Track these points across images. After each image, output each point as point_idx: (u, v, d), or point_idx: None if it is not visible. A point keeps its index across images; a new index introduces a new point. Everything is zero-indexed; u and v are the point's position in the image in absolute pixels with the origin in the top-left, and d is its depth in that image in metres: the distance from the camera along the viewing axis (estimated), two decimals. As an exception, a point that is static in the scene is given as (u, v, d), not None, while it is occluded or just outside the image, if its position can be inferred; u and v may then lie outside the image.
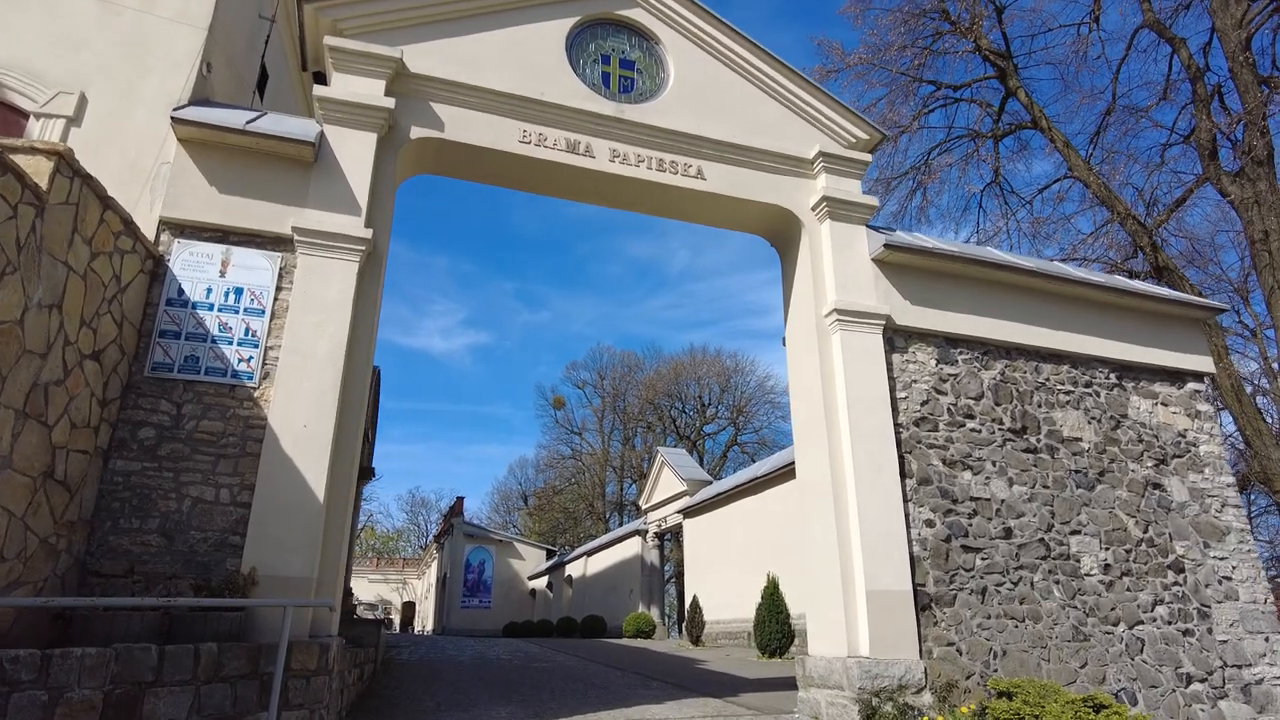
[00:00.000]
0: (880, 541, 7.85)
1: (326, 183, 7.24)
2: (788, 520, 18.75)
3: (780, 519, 19.20)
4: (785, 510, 18.97)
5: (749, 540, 20.63)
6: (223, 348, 6.50)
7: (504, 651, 15.96)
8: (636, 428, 55.19)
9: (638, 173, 8.55)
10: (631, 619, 23.12)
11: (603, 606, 31.89)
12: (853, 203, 9.19)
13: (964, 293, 9.39)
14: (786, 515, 18.87)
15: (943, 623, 7.88)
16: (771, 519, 19.65)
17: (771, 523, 19.62)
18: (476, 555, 46.36)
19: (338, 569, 6.37)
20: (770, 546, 19.39)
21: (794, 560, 17.80)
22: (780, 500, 19.31)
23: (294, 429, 6.37)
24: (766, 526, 19.86)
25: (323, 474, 6.31)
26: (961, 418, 8.92)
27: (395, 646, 16.36)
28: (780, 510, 19.24)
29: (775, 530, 19.33)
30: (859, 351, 8.56)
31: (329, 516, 6.37)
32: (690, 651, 18.03)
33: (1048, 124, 20.45)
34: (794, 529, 18.46)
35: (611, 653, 16.88)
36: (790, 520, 18.55)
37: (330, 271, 6.92)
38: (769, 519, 19.80)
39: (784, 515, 19.01)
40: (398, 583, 74.15)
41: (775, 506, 19.55)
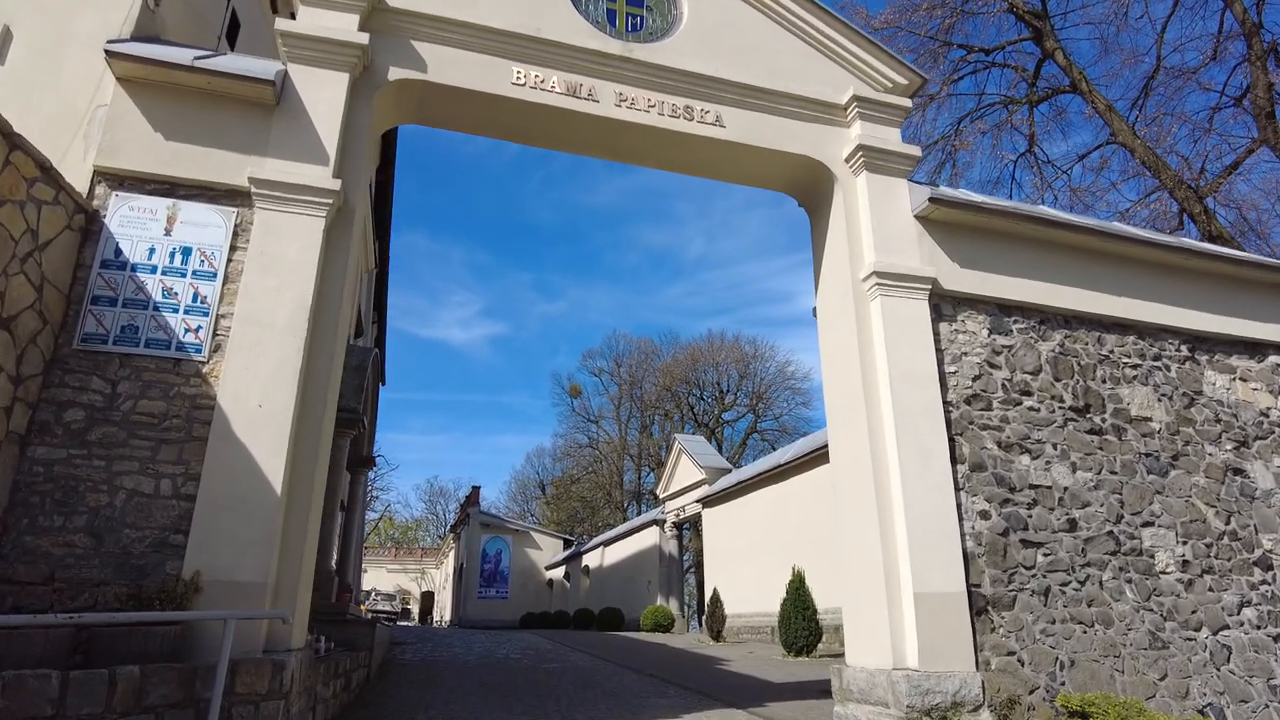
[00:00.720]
0: (929, 536, 6.84)
1: (290, 129, 6.30)
2: (814, 510, 17.76)
3: (806, 509, 18.20)
4: (811, 499, 17.97)
5: (772, 531, 19.65)
6: (167, 316, 5.61)
7: (514, 649, 15.13)
8: (654, 415, 54.26)
9: (648, 119, 7.54)
10: (649, 612, 22.24)
11: (620, 598, 31.07)
12: (892, 152, 8.12)
13: (1017, 254, 8.32)
14: (813, 505, 17.87)
15: (1001, 629, 6.87)
16: (796, 508, 18.65)
17: (796, 513, 18.62)
18: (493, 545, 45.83)
19: (301, 571, 5.47)
20: (795, 538, 18.40)
21: (820, 552, 16.83)
22: (805, 489, 18.30)
23: (247, 408, 5.46)
24: (791, 516, 18.87)
25: (281, 460, 5.40)
26: (1018, 395, 7.87)
27: (400, 644, 15.60)
28: (806, 499, 18.23)
29: (800, 520, 18.33)
30: (902, 320, 7.53)
31: (289, 510, 5.47)
32: (711, 648, 17.12)
33: (1088, 87, 19.15)
34: (820, 519, 17.46)
35: (628, 649, 16.01)
36: (816, 510, 17.56)
37: (292, 228, 6.00)
38: (793, 508, 18.80)
39: (810, 505, 18.01)
40: (416, 572, 74.06)
41: (800, 495, 18.54)
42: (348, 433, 11.70)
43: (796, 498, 18.76)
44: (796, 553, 17.89)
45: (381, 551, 75.65)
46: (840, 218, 8.04)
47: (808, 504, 18.14)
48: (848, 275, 7.77)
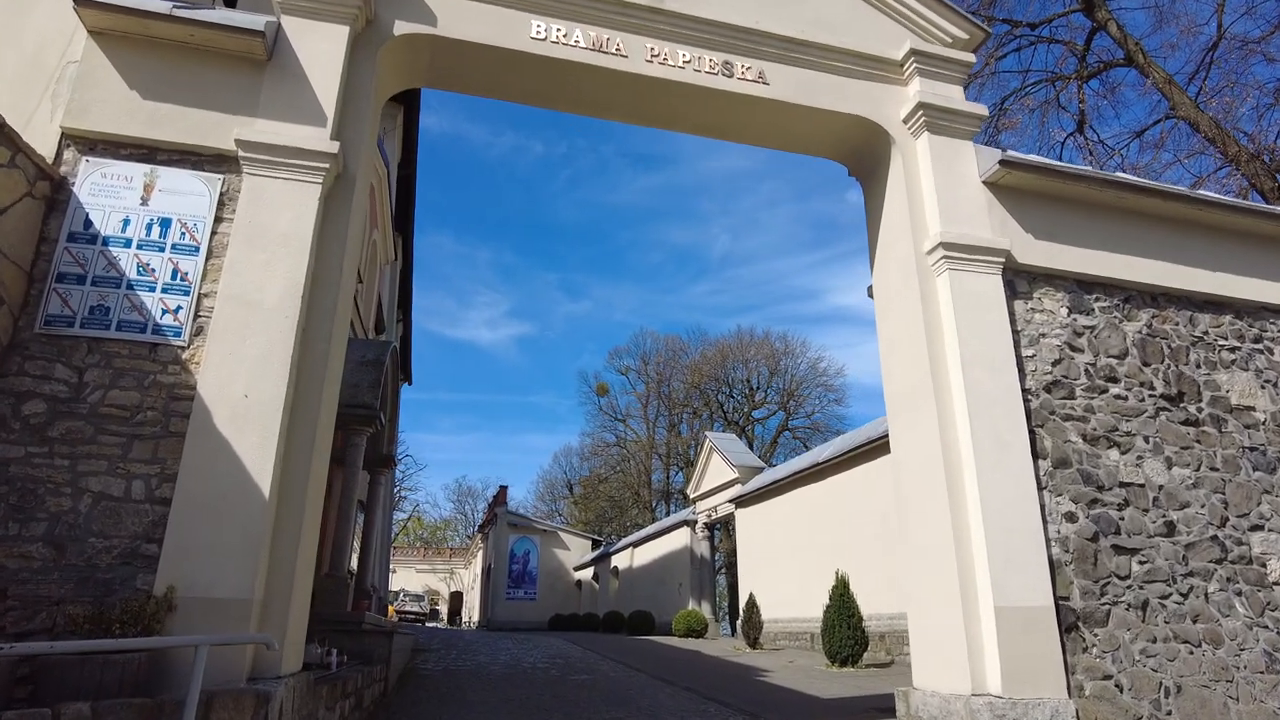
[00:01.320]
0: (1010, 541, 5.97)
1: (283, 87, 5.62)
2: (856, 511, 16.85)
3: (847, 509, 17.29)
4: (853, 499, 17.06)
5: (811, 532, 18.75)
6: (142, 295, 4.94)
7: (541, 657, 14.43)
8: (682, 414, 53.43)
9: (682, 76, 6.76)
10: (682, 616, 21.45)
11: (650, 600, 30.31)
12: (956, 111, 7.26)
13: (1097, 225, 7.41)
14: (854, 505, 16.97)
15: (1095, 648, 5.99)
16: (836, 509, 17.75)
17: (836, 513, 17.71)
18: (521, 545, 45.36)
19: (294, 585, 4.77)
20: (835, 540, 17.50)
21: (864, 556, 15.92)
22: (846, 488, 17.39)
23: (232, 399, 4.77)
24: (831, 517, 17.96)
25: (270, 458, 4.70)
26: (1103, 381, 6.96)
27: (424, 650, 14.97)
28: (847, 499, 17.32)
29: (841, 522, 17.43)
30: (974, 297, 6.66)
31: (280, 516, 4.77)
32: (748, 656, 16.28)
33: (1145, 59, 17.97)
34: (864, 521, 16.56)
35: (661, 658, 15.24)
36: (859, 511, 16.66)
37: (284, 196, 5.31)
38: (833, 509, 17.90)
39: (851, 505, 17.10)
40: (445, 573, 74.06)
41: (840, 495, 17.63)
42: (364, 430, 11.08)
43: (837, 497, 17.86)
44: (838, 556, 16.99)
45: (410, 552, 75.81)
46: (899, 185, 7.18)
47: (849, 504, 17.23)
48: (910, 249, 6.92)
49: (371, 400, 10.97)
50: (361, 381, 11.20)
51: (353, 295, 6.04)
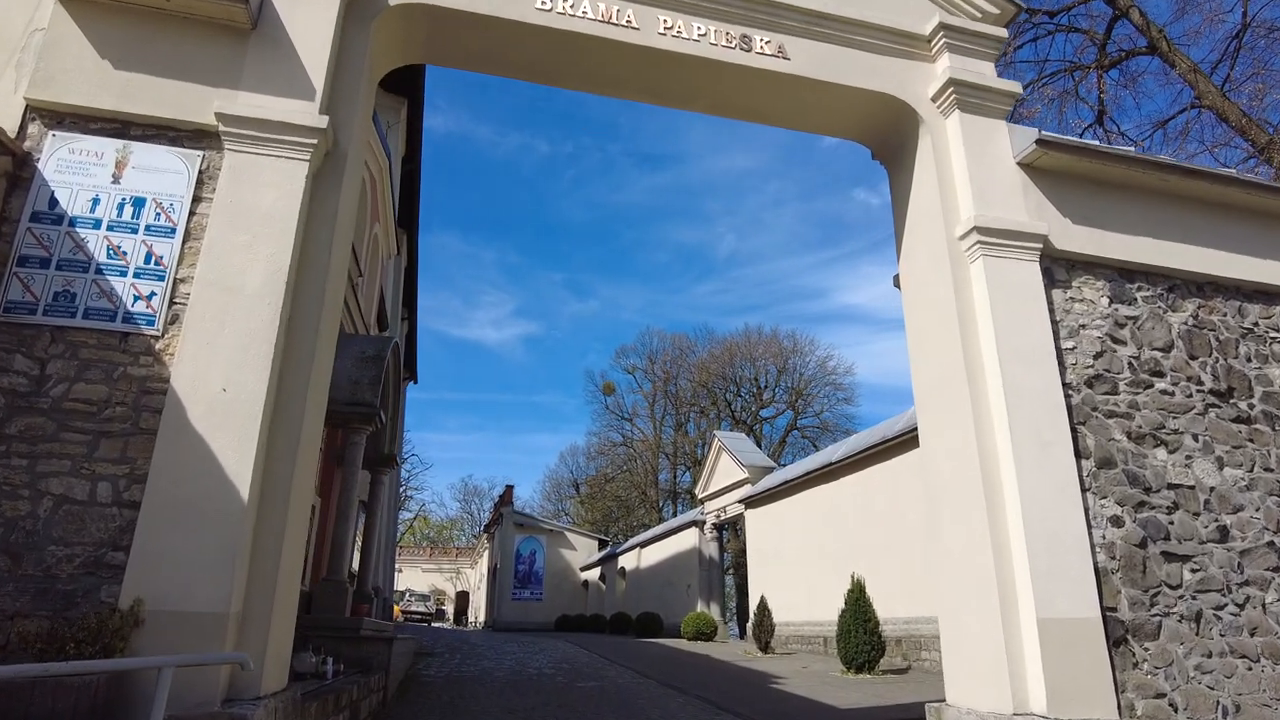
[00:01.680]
0: (1053, 548, 5.52)
1: (269, 58, 5.21)
2: (870, 512, 16.39)
3: (860, 510, 16.83)
4: (867, 500, 16.60)
5: (824, 534, 18.29)
6: (112, 280, 4.53)
7: (547, 661, 14.02)
8: (689, 413, 53.00)
9: (697, 49, 6.32)
10: (691, 619, 21.01)
11: (658, 601, 29.88)
12: (988, 88, 6.81)
13: (1140, 209, 6.94)
14: (868, 506, 16.51)
15: (1146, 664, 5.53)
16: (850, 510, 17.29)
17: (850, 514, 17.26)
18: (527, 545, 45.00)
19: (276, 595, 4.36)
20: (849, 541, 17.05)
21: (879, 558, 15.46)
22: (860, 489, 16.93)
23: (208, 393, 4.37)
24: (844, 519, 17.51)
25: (249, 457, 4.29)
26: (1147, 376, 6.50)
27: (427, 654, 14.58)
28: (860, 500, 16.86)
29: (854, 523, 16.97)
30: (1010, 285, 6.20)
31: (261, 520, 4.36)
32: (760, 661, 15.83)
33: (1169, 46, 17.44)
34: (878, 522, 16.10)
35: (670, 663, 14.82)
36: (873, 512, 16.19)
37: (268, 173, 4.90)
38: (847, 510, 17.44)
39: (865, 506, 16.64)
40: (451, 572, 73.80)
41: (854, 496, 17.17)
42: (364, 429, 10.69)
43: (850, 498, 17.39)
44: (851, 558, 16.54)
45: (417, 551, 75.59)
46: (928, 166, 6.73)
47: (863, 505, 16.77)
48: (940, 234, 6.47)
49: (371, 398, 10.58)
50: (361, 378, 10.81)
51: (344, 282, 5.63)
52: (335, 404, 10.47)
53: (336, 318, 5.39)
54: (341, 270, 5.43)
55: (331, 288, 5.11)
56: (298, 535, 4.72)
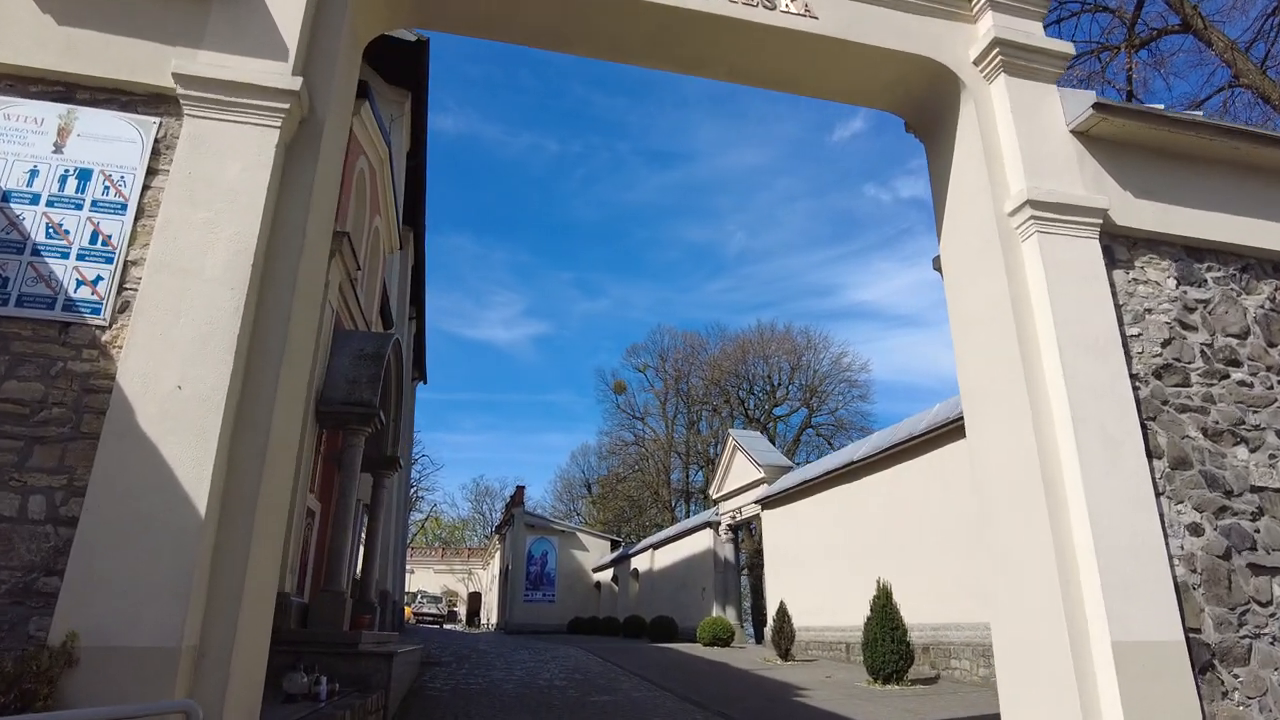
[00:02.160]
0: (1127, 561, 4.87)
1: (235, 13, 4.63)
2: (894, 513, 15.71)
3: (884, 511, 16.14)
4: (890, 501, 15.92)
5: (845, 536, 17.62)
6: (52, 263, 3.96)
7: (559, 672, 13.43)
8: (701, 411, 52.40)
9: (718, 7, 5.68)
10: (707, 624, 20.39)
11: (673, 605, 29.27)
12: (1037, 49, 6.14)
13: (1208, 182, 6.26)
14: (892, 507, 15.83)
15: (1236, 693, 4.87)
16: (872, 511, 16.61)
17: (872, 516, 16.58)
18: (539, 546, 44.56)
19: (240, 626, 3.76)
20: (872, 544, 16.37)
21: (904, 561, 14.78)
22: (883, 489, 16.25)
23: (160, 391, 3.78)
24: (866, 520, 16.83)
25: (207, 463, 3.71)
26: (1222, 365, 5.82)
27: (434, 664, 14.02)
28: (884, 501, 16.18)
29: (878, 525, 16.29)
30: (1068, 264, 5.54)
31: (222, 537, 3.78)
32: (780, 669, 15.18)
33: (1204, 24, 16.67)
34: (903, 524, 15.41)
35: (687, 671, 14.21)
36: (897, 513, 15.51)
37: (233, 142, 4.31)
38: (869, 511, 16.76)
39: (889, 507, 15.96)
40: (463, 573, 73.52)
41: (876, 496, 16.49)
42: (362, 430, 10.14)
43: (872, 499, 16.72)
44: (875, 561, 15.87)
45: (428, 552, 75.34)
46: (972, 136, 6.08)
47: (887, 505, 16.10)
48: (988, 211, 5.81)
49: (370, 397, 10.02)
50: (360, 376, 10.25)
51: (323, 267, 5.05)
52: (332, 404, 9.93)
53: (314, 306, 4.81)
54: (319, 253, 4.84)
55: (307, 272, 4.52)
56: (267, 553, 4.13)
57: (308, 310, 4.61)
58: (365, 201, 12.37)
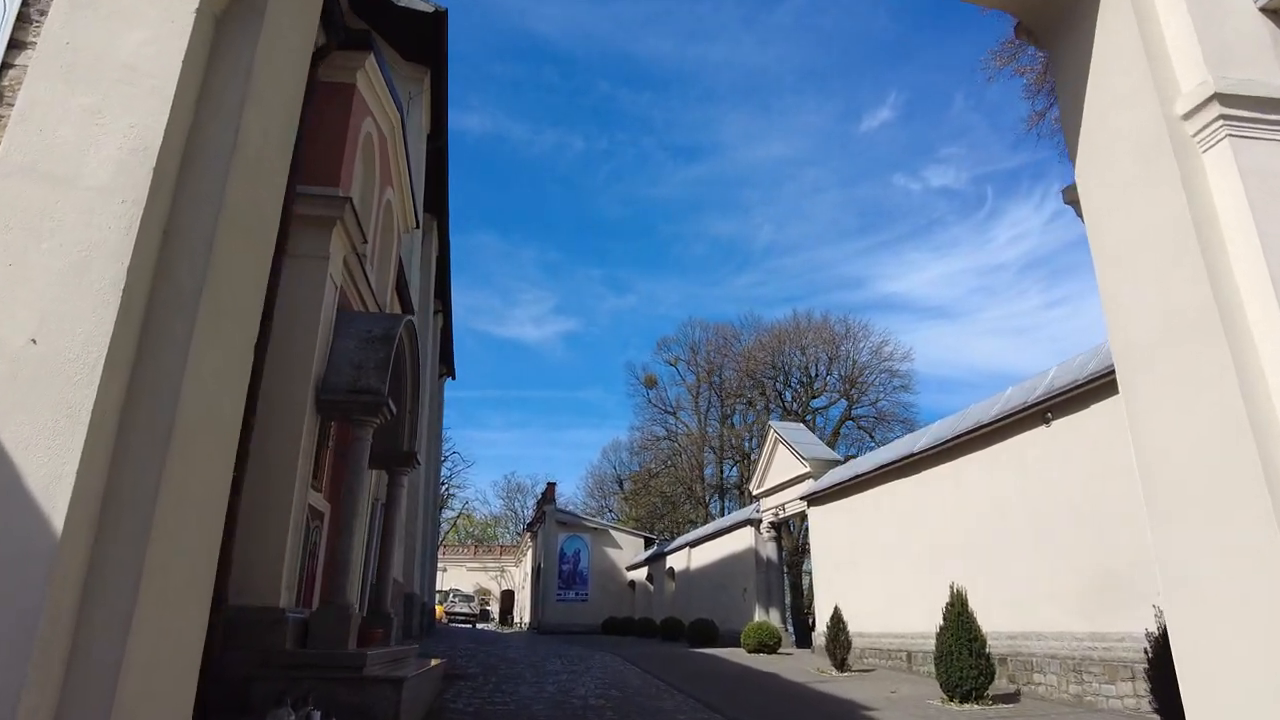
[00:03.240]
0: (1392, 581, 3.46)
1: None
2: (962, 509, 14.23)
3: (950, 507, 14.66)
4: (958, 496, 14.44)
5: (904, 534, 16.16)
6: None
7: (595, 687, 12.20)
8: (735, 404, 50.90)
9: None
10: (752, 629, 19.05)
11: (711, 606, 27.95)
12: (1209, -94, 4.71)
13: None
14: (960, 502, 14.35)
15: None
16: (936, 507, 15.12)
17: (936, 512, 15.09)
18: (571, 544, 43.57)
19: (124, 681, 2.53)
20: (937, 542, 14.90)
21: (975, 562, 13.31)
22: (949, 482, 14.76)
23: (7, 348, 2.57)
24: (929, 516, 15.35)
25: (71, 455, 2.49)
26: None
27: (459, 678, 12.88)
28: (950, 496, 14.69)
29: (943, 521, 14.81)
30: (1273, 178, 4.13)
31: (100, 557, 2.55)
32: (838, 682, 13.80)
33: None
34: (973, 520, 13.89)
35: (736, 684, 12.91)
36: (966, 509, 14.03)
37: (134, 2, 3.09)
38: (932, 507, 15.28)
39: (956, 502, 14.47)
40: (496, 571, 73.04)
41: (942, 491, 15.00)
42: (369, 422, 8.97)
43: (935, 494, 15.23)
44: (939, 562, 14.41)
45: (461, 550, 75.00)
46: (1121, 24, 4.67)
47: (951, 501, 14.61)
48: (1151, 116, 4.41)
49: (377, 384, 8.85)
50: (366, 361, 9.08)
51: (279, 193, 3.81)
52: (335, 391, 8.78)
53: (260, 243, 3.57)
54: (269, 173, 3.60)
55: (245, 191, 3.28)
56: (185, 572, 2.91)
57: (248, 246, 3.38)
58: (374, 170, 11.22)
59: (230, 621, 7.16)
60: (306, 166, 8.97)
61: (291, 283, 8.41)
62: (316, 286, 8.57)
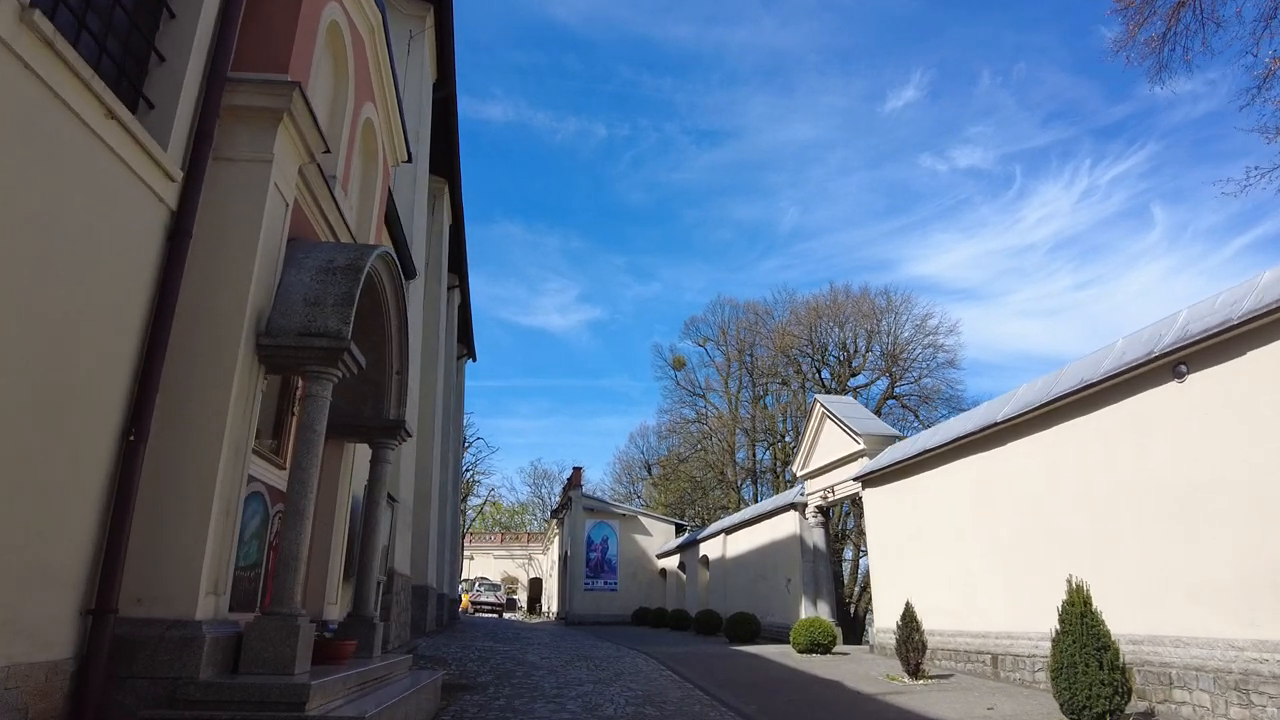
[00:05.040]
0: None
1: None
2: (1061, 486, 11.88)
3: (1041, 485, 12.31)
4: (1054, 470, 12.08)
5: (983, 518, 13.82)
6: None
7: (624, 704, 10.11)
8: (768, 384, 48.51)
9: None
10: (803, 627, 16.82)
11: (751, 598, 25.78)
12: None
13: None
14: (1057, 478, 11.99)
15: None
16: (1026, 484, 12.77)
17: (1025, 491, 12.74)
18: (599, 531, 41.68)
19: None
20: (1026, 527, 12.57)
21: (1078, 550, 11.01)
22: (1042, 456, 12.39)
23: None
24: (1015, 497, 13.01)
25: None
26: None
27: (464, 689, 10.87)
28: (1044, 471, 12.33)
29: (1036, 502, 12.46)
30: None
31: None
32: (917, 694, 11.57)
33: None
34: (1074, 499, 11.47)
35: (794, 696, 10.75)
36: (1067, 487, 11.69)
37: None
38: (1019, 485, 12.93)
39: (1050, 479, 12.12)
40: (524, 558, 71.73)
41: (1032, 465, 12.63)
42: (327, 373, 6.87)
43: (1024, 469, 12.88)
44: (1029, 548, 12.13)
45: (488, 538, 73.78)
46: None
47: (1045, 478, 12.26)
48: None
49: (337, 325, 6.75)
50: (324, 298, 6.98)
51: None
52: (282, 335, 6.69)
53: None
54: None
55: None
56: None
57: None
58: (348, 77, 9.12)
59: (123, 641, 5.17)
60: (244, 49, 6.88)
61: (220, 194, 6.36)
62: (255, 197, 6.49)
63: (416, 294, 17.39)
